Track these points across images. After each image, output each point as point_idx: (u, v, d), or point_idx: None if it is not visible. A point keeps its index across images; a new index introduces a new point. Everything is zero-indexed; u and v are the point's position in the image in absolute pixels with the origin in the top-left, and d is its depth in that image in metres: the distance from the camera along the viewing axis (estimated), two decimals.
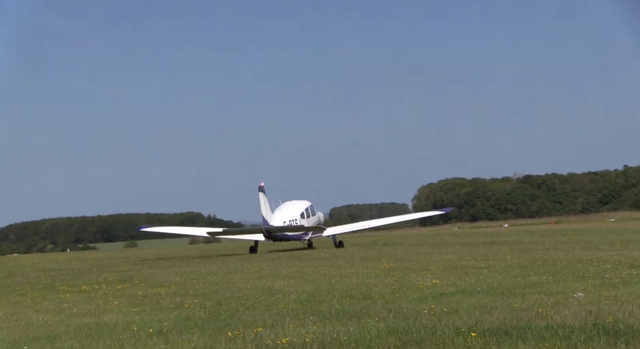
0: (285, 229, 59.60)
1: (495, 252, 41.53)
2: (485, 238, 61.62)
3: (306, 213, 62.29)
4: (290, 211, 61.54)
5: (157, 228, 76.93)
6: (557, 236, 57.70)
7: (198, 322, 20.22)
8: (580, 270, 28.79)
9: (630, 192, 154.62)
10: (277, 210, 61.13)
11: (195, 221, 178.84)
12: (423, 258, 40.00)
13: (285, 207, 62.10)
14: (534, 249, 42.68)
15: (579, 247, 42.50)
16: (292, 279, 31.61)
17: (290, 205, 62.83)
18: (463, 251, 44.58)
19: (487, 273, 29.43)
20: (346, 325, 17.72)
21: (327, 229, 64.20)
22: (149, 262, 51.13)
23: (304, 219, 61.71)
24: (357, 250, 53.58)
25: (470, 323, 16.63)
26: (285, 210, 61.55)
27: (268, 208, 59.44)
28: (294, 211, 61.67)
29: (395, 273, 31.74)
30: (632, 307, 18.10)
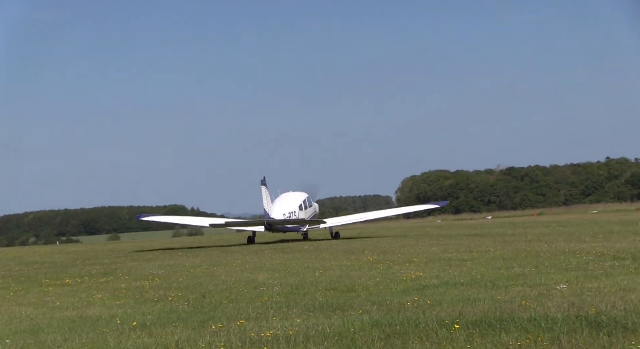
0: (285, 222, 60.57)
1: (479, 244, 41.62)
2: (469, 230, 61.76)
3: (304, 205, 63.26)
4: (289, 203, 62.47)
5: (158, 217, 77.11)
6: (540, 228, 57.88)
7: (181, 315, 20.19)
8: (563, 262, 28.89)
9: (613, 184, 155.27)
10: (275, 201, 61.95)
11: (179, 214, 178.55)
12: (407, 250, 40.05)
13: (283, 199, 62.99)
14: (517, 241, 42.79)
15: (562, 239, 42.64)
16: (276, 272, 31.60)
17: (288, 196, 63.75)
18: (446, 243, 44.66)
19: (470, 265, 29.50)
20: (330, 318, 17.72)
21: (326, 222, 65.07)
22: (132, 255, 51.02)
23: (302, 210, 62.70)
24: (341, 242, 53.61)
25: (454, 315, 16.67)
26: (283, 202, 62.43)
27: (269, 201, 60.48)
28: (292, 203, 62.63)
29: (379, 265, 31.77)
30: (614, 299, 18.17)
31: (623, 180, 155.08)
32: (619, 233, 45.52)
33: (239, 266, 35.47)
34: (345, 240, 57.61)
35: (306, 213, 63.53)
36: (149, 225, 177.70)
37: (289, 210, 61.56)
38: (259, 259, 39.72)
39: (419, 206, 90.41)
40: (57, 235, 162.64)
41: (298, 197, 64.03)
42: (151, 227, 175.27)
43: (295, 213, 61.69)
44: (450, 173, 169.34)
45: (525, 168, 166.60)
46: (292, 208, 61.96)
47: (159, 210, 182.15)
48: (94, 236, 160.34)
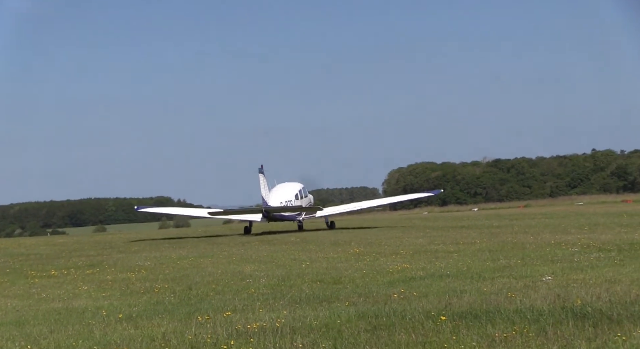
0: (283, 209, 61.85)
1: (465, 236, 41.72)
2: (455, 222, 61.89)
3: (299, 195, 64.34)
4: (285, 192, 63.66)
5: (156, 208, 78.53)
6: (526, 220, 58.05)
7: (168, 307, 20.17)
8: (549, 254, 28.98)
9: (599, 176, 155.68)
10: (272, 191, 62.97)
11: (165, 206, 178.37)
12: (393, 242, 40.12)
13: (280, 189, 64.15)
14: (503, 233, 42.91)
15: (548, 231, 42.78)
16: (263, 263, 31.61)
17: (284, 186, 64.88)
18: (433, 235, 44.75)
19: (456, 257, 29.57)
20: (316, 310, 17.74)
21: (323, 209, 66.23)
22: (118, 246, 50.94)
23: (298, 200, 63.84)
24: (327, 234, 53.64)
25: (440, 307, 16.70)
26: (280, 191, 63.60)
27: (267, 190, 61.63)
28: (288, 192, 63.79)
29: (366, 257, 31.82)
30: (599, 290, 18.24)
31: (609, 172, 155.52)
32: (605, 225, 45.69)
33: (225, 258, 35.46)
34: (332, 231, 57.64)
35: (302, 203, 64.46)
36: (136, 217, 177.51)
37: (285, 198, 62.63)
38: (246, 251, 39.71)
39: (414, 194, 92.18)
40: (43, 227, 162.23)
41: (294, 187, 64.97)
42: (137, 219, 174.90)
43: (291, 203, 62.75)
44: (437, 165, 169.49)
45: (511, 160, 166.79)
46: (288, 197, 63.07)
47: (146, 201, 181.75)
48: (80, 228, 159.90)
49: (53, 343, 15.52)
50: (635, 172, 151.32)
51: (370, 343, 13.62)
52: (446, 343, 13.34)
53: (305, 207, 64.21)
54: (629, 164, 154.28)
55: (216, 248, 44.01)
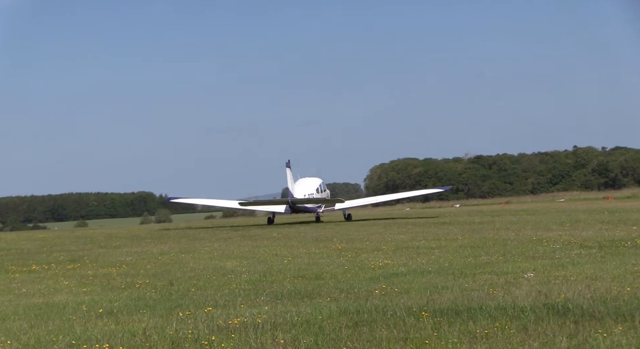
0: (308, 201, 68.05)
1: (447, 232, 41.79)
2: (437, 219, 62.00)
3: (320, 188, 70.64)
4: (308, 185, 69.87)
5: (189, 199, 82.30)
6: (508, 217, 58.18)
7: (149, 302, 20.10)
8: (531, 250, 29.06)
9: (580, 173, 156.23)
10: (295, 184, 68.74)
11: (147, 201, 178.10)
12: (375, 238, 40.15)
13: (302, 183, 70.07)
14: (485, 229, 43.00)
15: (529, 227, 42.89)
16: (244, 259, 31.59)
17: (305, 181, 70.90)
18: (415, 231, 44.81)
19: (438, 253, 29.61)
20: (298, 305, 17.72)
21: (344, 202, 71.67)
22: (100, 242, 50.76)
23: (319, 193, 70.20)
24: (310, 229, 53.64)
25: (422, 303, 16.71)
26: (303, 185, 69.64)
27: (292, 183, 67.89)
28: (310, 186, 70.08)
29: (347, 253, 31.83)
30: (581, 287, 18.29)
31: (590, 169, 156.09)
32: (586, 222, 45.84)
33: (207, 254, 35.41)
34: (314, 227, 57.63)
35: (322, 196, 70.67)
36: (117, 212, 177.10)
37: (308, 191, 68.84)
38: (227, 247, 39.67)
39: (427, 190, 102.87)
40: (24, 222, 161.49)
41: (315, 181, 71.19)
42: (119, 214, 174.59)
43: (313, 195, 69.03)
44: (419, 161, 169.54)
45: (493, 157, 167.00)
46: (310, 190, 69.28)
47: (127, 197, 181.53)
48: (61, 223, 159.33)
49: (33, 338, 15.43)
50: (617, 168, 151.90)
51: (351, 339, 13.60)
52: (427, 339, 13.34)
53: (328, 199, 70.76)
54: (610, 161, 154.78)
55: (198, 243, 43.93)
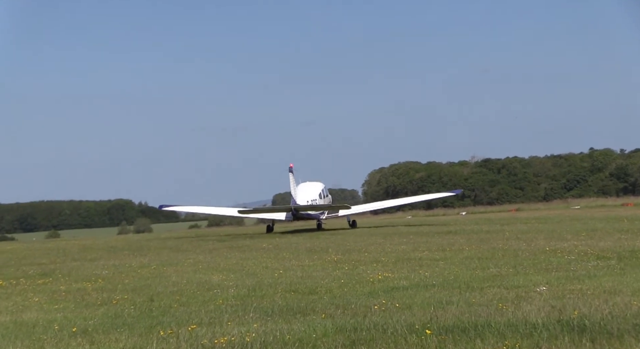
0: (312, 207, 69.04)
1: (452, 242, 41.79)
2: (442, 228, 62.00)
3: (322, 194, 71.84)
4: (310, 191, 71.06)
5: (183, 207, 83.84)
6: (518, 225, 58.19)
7: (127, 320, 20.06)
8: (543, 262, 29.06)
9: (597, 177, 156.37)
10: (297, 190, 69.94)
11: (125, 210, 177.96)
12: (374, 249, 40.13)
13: (304, 188, 71.33)
14: (494, 239, 43.00)
15: (542, 237, 42.89)
16: (231, 272, 31.56)
17: (307, 186, 72.19)
18: (417, 241, 44.80)
19: (443, 265, 29.60)
20: (290, 323, 17.69)
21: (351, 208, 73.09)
22: (73, 254, 50.68)
23: (322, 199, 71.33)
24: (303, 240, 53.61)
25: (425, 320, 16.69)
26: (305, 190, 70.90)
27: (295, 189, 69.31)
28: (313, 191, 71.28)
29: (344, 265, 31.81)
30: (598, 302, 18.28)
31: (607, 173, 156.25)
32: (604, 231, 45.85)
33: (191, 266, 35.37)
34: (308, 237, 57.58)
35: (324, 202, 71.83)
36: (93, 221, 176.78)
37: (311, 198, 70.04)
38: (213, 258, 39.63)
39: (436, 194, 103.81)
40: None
41: (317, 186, 72.44)
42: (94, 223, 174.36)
43: (316, 202, 70.19)
44: (422, 165, 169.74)
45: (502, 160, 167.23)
46: (313, 196, 70.44)
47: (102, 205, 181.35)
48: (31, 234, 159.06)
49: None
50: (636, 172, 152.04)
51: None
52: None
53: (334, 205, 72.33)
54: (629, 164, 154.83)
55: (181, 255, 43.89)
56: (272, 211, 74.91)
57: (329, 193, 75.06)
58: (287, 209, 69.87)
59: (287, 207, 70.34)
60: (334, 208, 72.18)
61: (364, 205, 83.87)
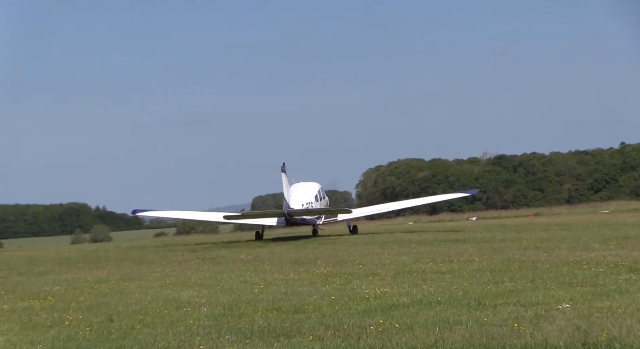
0: (308, 212, 69.48)
1: (461, 252, 41.83)
2: (448, 235, 62.06)
3: (319, 195, 72.46)
4: (305, 193, 71.49)
5: (159, 212, 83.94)
6: (538, 232, 58.25)
7: (82, 344, 20.03)
8: (567, 275, 29.10)
9: (629, 176, 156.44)
10: (290, 192, 70.29)
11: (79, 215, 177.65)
12: (370, 260, 40.14)
13: (298, 189, 71.69)
14: (509, 248, 43.04)
15: (565, 246, 42.96)
16: (204, 287, 31.54)
17: (302, 187, 72.64)
18: (420, 251, 44.83)
19: (449, 279, 29.62)
20: (272, 346, 17.70)
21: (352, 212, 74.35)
22: (18, 267, 50.57)
23: (318, 202, 71.81)
24: (287, 249, 53.60)
25: (429, 343, 16.71)
26: (299, 192, 71.25)
27: (288, 190, 69.64)
28: (308, 193, 71.78)
29: (335, 279, 31.82)
30: (630, 321, 18.32)
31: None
32: (637, 239, 45.94)
33: (156, 281, 35.33)
34: (293, 246, 57.56)
35: (321, 205, 72.33)
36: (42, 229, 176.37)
37: (306, 200, 70.29)
38: (183, 272, 39.60)
39: (450, 194, 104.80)
40: None
41: (312, 187, 73.11)
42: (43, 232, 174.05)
43: (312, 205, 70.50)
44: (425, 162, 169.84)
45: (519, 157, 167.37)
46: (308, 198, 70.87)
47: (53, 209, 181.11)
48: None
49: None
50: None
51: None
52: None
53: (333, 209, 73.17)
54: None
55: (145, 268, 43.83)
56: (263, 216, 75.14)
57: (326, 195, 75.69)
58: (279, 214, 70.29)
59: (279, 212, 70.71)
60: (332, 212, 72.77)
61: (366, 208, 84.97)
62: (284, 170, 69.08)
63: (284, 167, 69.09)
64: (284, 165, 69.16)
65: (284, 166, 69.13)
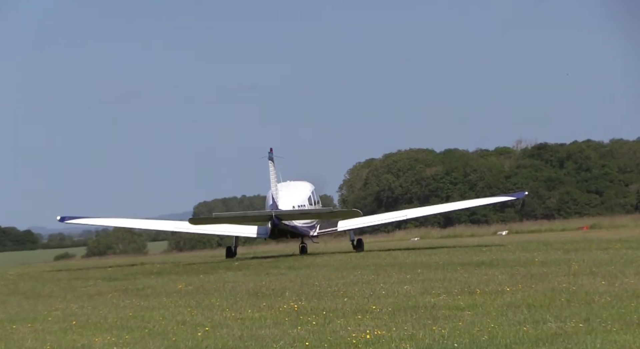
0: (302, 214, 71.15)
1: (485, 280, 41.96)
2: (468, 255, 62.23)
3: (312, 198, 74.55)
4: (296, 194, 73.47)
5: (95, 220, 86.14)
6: (594, 252, 58.46)
7: None
8: (635, 312, 29.20)
9: None
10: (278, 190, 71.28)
11: None
12: (359, 290, 40.23)
13: (286, 189, 73.08)
14: (553, 274, 43.22)
15: (632, 271, 43.14)
16: (126, 331, 31.54)
17: (291, 187, 74.48)
18: (428, 277, 44.95)
19: (470, 318, 29.71)
20: None
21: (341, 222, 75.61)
22: None
23: (312, 206, 73.50)
24: (244, 276, 53.66)
25: None
26: (289, 192, 72.76)
27: (276, 185, 70.65)
28: (300, 194, 73.95)
29: (310, 318, 31.87)
30: None
31: None
32: None
33: (58, 323, 35.29)
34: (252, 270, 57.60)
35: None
36: None
37: (297, 202, 71.97)
38: (96, 309, 39.57)
39: (490, 198, 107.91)
40: None
41: (305, 188, 75.33)
42: None
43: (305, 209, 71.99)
44: (436, 155, 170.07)
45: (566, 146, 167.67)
46: (300, 200, 72.82)
47: None
48: None
49: None
50: None
51: None
52: None
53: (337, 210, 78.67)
54: None
55: (42, 304, 43.78)
56: (242, 220, 75.80)
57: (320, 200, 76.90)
58: (263, 217, 70.73)
59: (265, 213, 70.80)
60: (335, 215, 74.36)
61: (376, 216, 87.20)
62: (272, 157, 69.76)
63: (272, 154, 69.76)
64: (271, 151, 69.83)
65: (272, 153, 69.81)
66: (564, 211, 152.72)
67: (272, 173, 69.40)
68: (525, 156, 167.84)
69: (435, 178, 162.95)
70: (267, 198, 70.88)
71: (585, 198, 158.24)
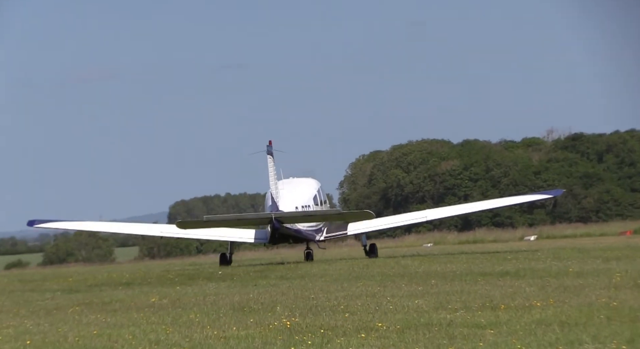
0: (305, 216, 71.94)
1: (510, 293, 42.03)
2: (490, 264, 62.35)
3: (319, 197, 75.93)
4: (300, 193, 74.63)
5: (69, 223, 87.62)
6: (639, 261, 58.56)
7: None
8: None
9: None
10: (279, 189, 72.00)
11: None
12: (362, 305, 40.30)
13: (289, 187, 73.91)
14: (591, 287, 43.28)
15: None
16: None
17: (294, 184, 75.66)
18: (444, 290, 45.04)
19: (492, 337, 29.76)
20: None
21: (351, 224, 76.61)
22: None
23: (318, 206, 74.38)
24: (228, 287, 53.71)
25: None
26: (291, 191, 73.42)
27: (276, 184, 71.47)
28: (304, 193, 75.08)
29: (306, 337, 31.91)
30: None
31: None
32: None
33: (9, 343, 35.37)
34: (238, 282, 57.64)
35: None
36: None
37: (301, 203, 73.03)
38: (54, 326, 39.59)
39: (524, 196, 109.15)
40: None
41: (310, 185, 76.47)
42: None
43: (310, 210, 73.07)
44: (452, 146, 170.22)
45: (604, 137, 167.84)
46: (304, 200, 73.76)
47: None
48: None
49: None
50: None
51: None
52: None
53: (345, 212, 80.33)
54: None
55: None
56: (238, 223, 76.38)
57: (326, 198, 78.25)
58: (264, 220, 71.01)
59: (262, 216, 71.28)
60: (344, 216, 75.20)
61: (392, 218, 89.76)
62: (271, 152, 70.25)
63: (271, 148, 70.32)
64: (270, 144, 70.06)
65: (271, 146, 70.34)
66: (603, 213, 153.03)
67: (271, 169, 69.76)
68: (558, 148, 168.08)
69: (452, 174, 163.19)
70: (267, 198, 71.28)
71: (628, 198, 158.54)
